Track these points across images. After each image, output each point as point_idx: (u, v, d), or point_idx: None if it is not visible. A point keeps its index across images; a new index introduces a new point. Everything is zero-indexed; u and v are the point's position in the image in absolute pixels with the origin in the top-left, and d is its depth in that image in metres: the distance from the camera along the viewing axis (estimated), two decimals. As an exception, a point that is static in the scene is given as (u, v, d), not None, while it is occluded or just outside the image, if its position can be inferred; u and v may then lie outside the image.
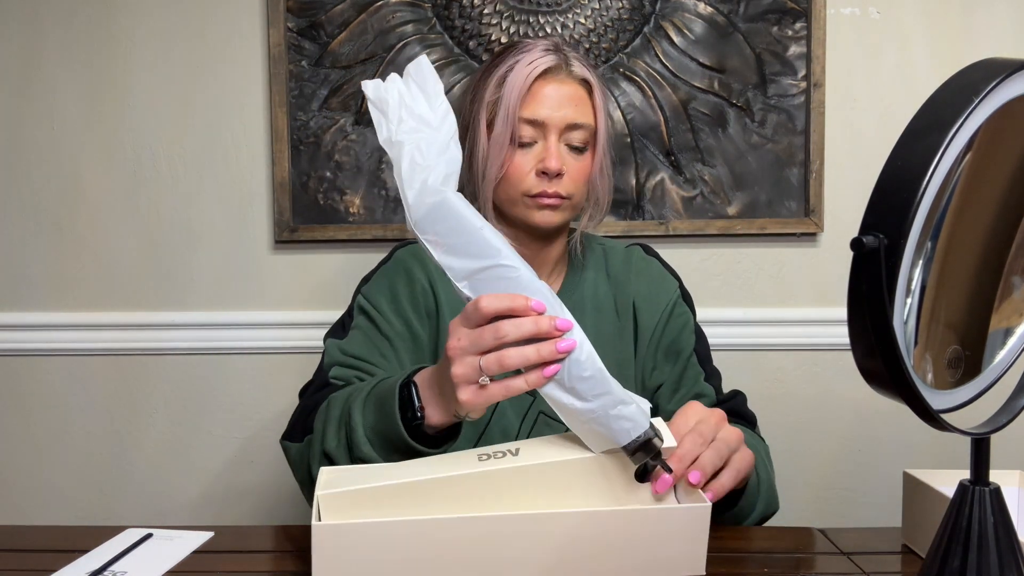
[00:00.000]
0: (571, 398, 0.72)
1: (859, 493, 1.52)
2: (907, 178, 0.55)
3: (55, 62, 1.50)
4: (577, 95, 1.03)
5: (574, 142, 1.03)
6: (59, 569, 0.84)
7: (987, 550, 0.65)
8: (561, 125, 1.02)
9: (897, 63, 1.46)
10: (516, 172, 1.02)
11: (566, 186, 1.03)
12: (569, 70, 1.03)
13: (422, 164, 0.74)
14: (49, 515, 1.55)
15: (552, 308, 0.73)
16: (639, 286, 1.13)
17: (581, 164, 1.04)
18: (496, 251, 0.73)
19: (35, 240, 1.53)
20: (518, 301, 0.72)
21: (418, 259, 1.12)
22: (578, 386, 0.71)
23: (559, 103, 1.01)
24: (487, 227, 0.74)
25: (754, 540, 0.94)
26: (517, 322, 0.72)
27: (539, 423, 1.08)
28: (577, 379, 0.71)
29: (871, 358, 0.58)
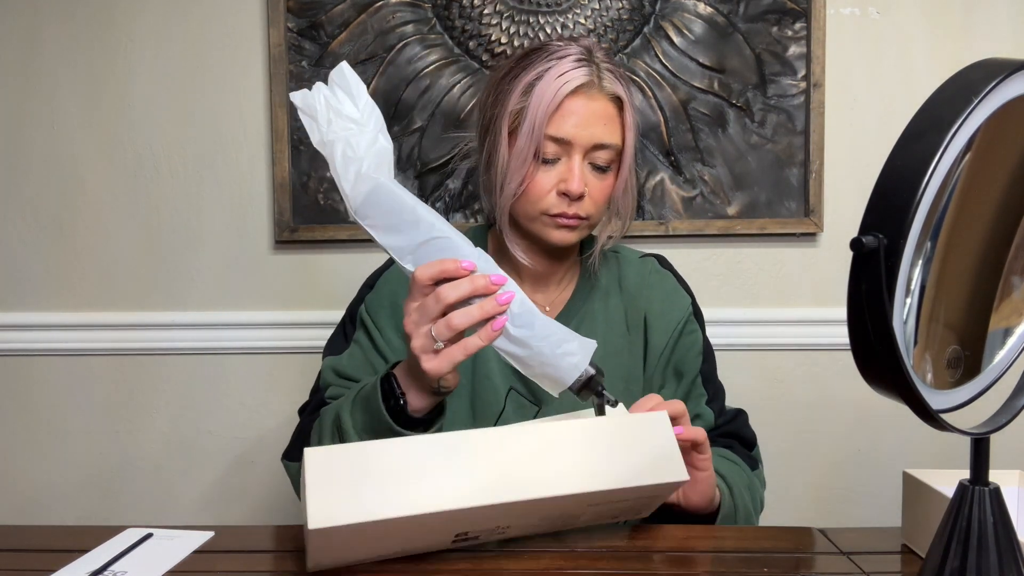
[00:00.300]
0: (521, 348, 0.77)
1: (859, 493, 1.52)
2: (907, 178, 0.55)
3: (55, 62, 1.50)
4: (607, 113, 0.99)
5: (599, 162, 0.99)
6: (59, 569, 0.85)
7: (987, 550, 0.65)
8: (587, 145, 0.98)
9: (897, 63, 1.46)
10: (537, 190, 0.99)
11: (586, 207, 1.00)
12: (601, 85, 0.98)
13: (353, 157, 0.78)
14: (49, 515, 1.55)
15: (484, 268, 0.78)
16: (652, 301, 1.11)
17: (604, 184, 1.01)
18: (430, 225, 0.78)
19: (35, 240, 1.53)
20: (447, 264, 0.77)
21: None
22: (524, 334, 0.76)
23: (587, 121, 0.97)
24: (420, 204, 0.79)
25: (754, 540, 0.94)
26: (454, 284, 0.76)
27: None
28: (521, 328, 0.76)
29: (871, 358, 0.59)
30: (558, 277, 1.11)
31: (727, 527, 0.98)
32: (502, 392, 1.03)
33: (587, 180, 0.99)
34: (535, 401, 1.04)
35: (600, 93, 0.98)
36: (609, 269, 1.13)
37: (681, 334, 1.11)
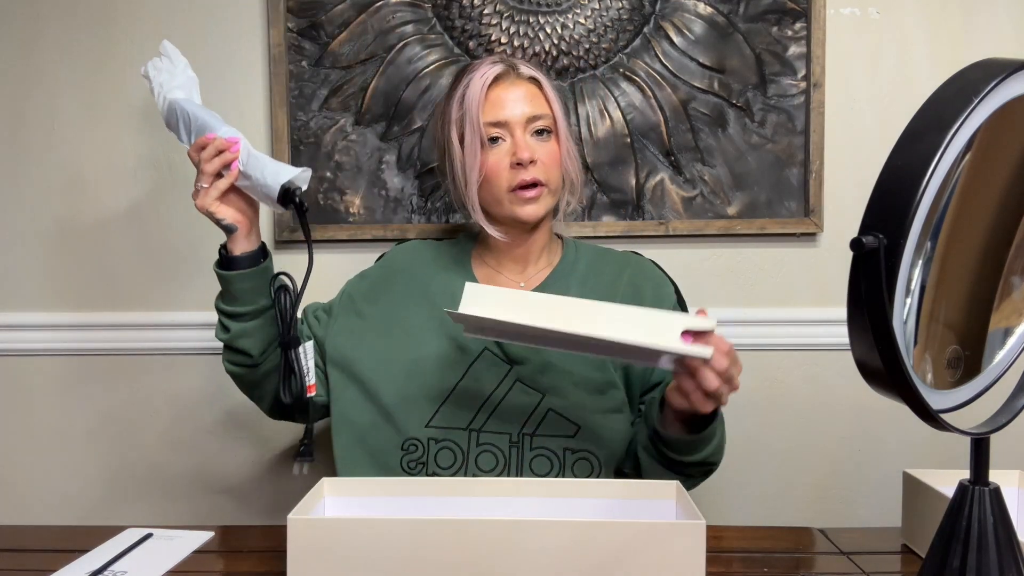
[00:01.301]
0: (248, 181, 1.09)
1: (859, 493, 1.52)
2: (907, 178, 0.55)
3: (55, 62, 1.50)
4: (529, 92, 1.15)
5: (542, 128, 1.14)
6: (59, 569, 0.85)
7: (987, 550, 0.65)
8: (522, 120, 1.13)
9: (897, 63, 1.46)
10: (493, 170, 1.14)
11: (540, 171, 1.13)
12: (518, 73, 1.15)
13: (160, 92, 1.13)
14: (49, 515, 1.55)
15: (225, 134, 1.10)
16: (645, 288, 1.21)
17: (549, 148, 1.15)
18: (195, 116, 1.11)
19: (35, 240, 1.53)
20: (200, 140, 1.10)
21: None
22: (250, 171, 1.08)
23: (514, 102, 1.13)
24: (192, 106, 1.12)
25: (754, 540, 0.94)
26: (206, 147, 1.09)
27: (515, 388, 1.13)
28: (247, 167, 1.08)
29: (871, 358, 0.59)
30: (535, 255, 1.22)
31: (728, 527, 0.98)
32: (474, 351, 1.15)
33: (533, 147, 1.13)
34: (507, 360, 1.14)
35: (518, 79, 1.15)
36: (589, 259, 1.24)
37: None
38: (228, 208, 1.10)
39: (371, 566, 0.72)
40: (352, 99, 1.46)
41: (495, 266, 1.23)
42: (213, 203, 1.09)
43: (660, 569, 0.71)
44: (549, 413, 1.11)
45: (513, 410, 1.11)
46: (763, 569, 0.85)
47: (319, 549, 0.73)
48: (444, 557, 0.72)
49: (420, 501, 0.85)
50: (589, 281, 1.20)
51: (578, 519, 0.78)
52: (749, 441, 1.50)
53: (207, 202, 1.09)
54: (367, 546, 0.73)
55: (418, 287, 1.22)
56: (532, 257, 1.22)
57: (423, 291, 1.21)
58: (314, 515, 0.81)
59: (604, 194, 1.46)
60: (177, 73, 1.14)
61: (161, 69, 1.14)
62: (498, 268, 1.23)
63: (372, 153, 1.47)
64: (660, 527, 0.72)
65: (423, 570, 0.72)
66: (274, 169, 1.08)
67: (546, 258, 1.23)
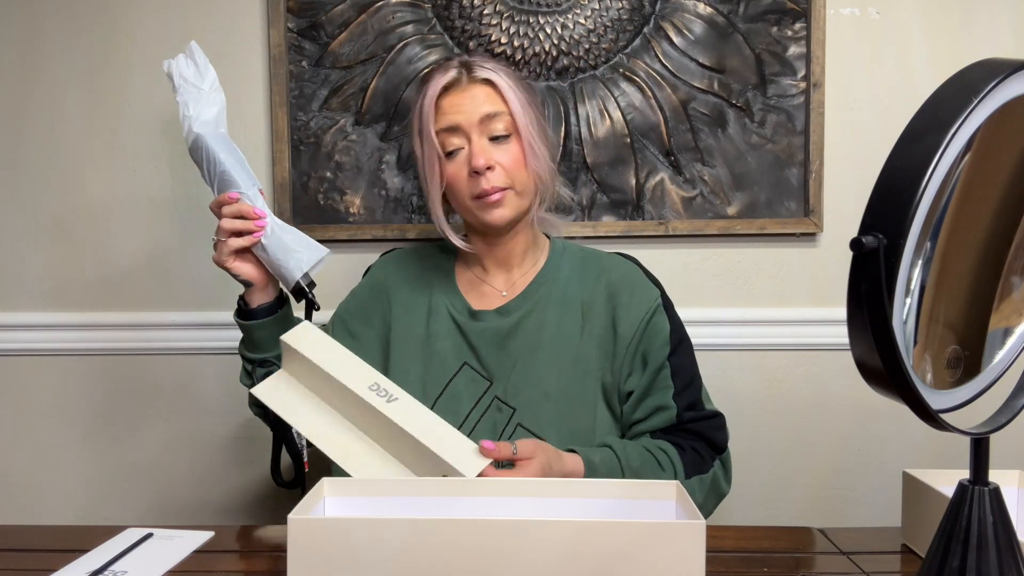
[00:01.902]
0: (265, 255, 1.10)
1: (859, 493, 1.52)
2: (907, 178, 0.55)
3: (55, 62, 1.50)
4: (483, 93, 1.11)
5: (496, 132, 1.10)
6: (59, 569, 0.85)
7: (986, 550, 0.65)
8: (476, 121, 1.10)
9: (897, 63, 1.46)
10: (453, 180, 1.12)
11: (501, 178, 1.10)
12: (471, 76, 1.11)
13: (187, 115, 1.09)
14: (49, 515, 1.55)
15: (254, 200, 1.09)
16: (619, 293, 1.17)
17: (509, 150, 1.11)
18: (221, 163, 1.08)
19: (35, 240, 1.53)
20: (222, 196, 1.09)
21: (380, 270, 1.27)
22: (270, 247, 1.09)
23: (465, 106, 1.10)
24: (222, 150, 1.09)
25: (754, 540, 0.94)
26: (227, 207, 1.08)
27: (492, 407, 1.13)
28: (268, 244, 1.09)
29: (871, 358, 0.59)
30: (518, 258, 1.20)
31: (728, 527, 0.98)
32: (453, 366, 1.15)
33: (491, 153, 1.10)
34: (487, 377, 1.14)
35: (471, 82, 1.11)
36: (573, 260, 1.21)
37: (648, 324, 1.15)
38: (244, 264, 1.10)
39: (371, 566, 0.72)
40: (352, 99, 1.46)
41: (479, 273, 1.21)
42: (228, 259, 1.09)
43: (660, 569, 0.71)
44: (518, 429, 1.11)
45: (489, 428, 1.11)
46: (763, 569, 0.85)
47: (319, 549, 0.73)
48: (444, 557, 0.72)
49: (420, 501, 0.85)
50: (571, 286, 1.18)
51: (578, 519, 0.78)
52: (749, 441, 1.50)
53: (222, 258, 1.09)
54: (367, 546, 0.73)
55: (402, 303, 1.21)
56: (515, 260, 1.20)
57: (406, 306, 1.20)
58: (314, 515, 0.81)
59: (604, 194, 1.46)
60: (204, 94, 1.10)
61: (187, 80, 1.11)
62: (483, 275, 1.21)
63: (372, 153, 1.47)
64: (660, 527, 0.72)
65: (423, 570, 0.72)
66: (296, 257, 1.09)
67: (531, 260, 1.21)
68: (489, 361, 1.14)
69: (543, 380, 1.12)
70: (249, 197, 1.09)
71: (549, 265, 1.20)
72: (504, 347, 1.15)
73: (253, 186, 1.10)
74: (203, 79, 1.11)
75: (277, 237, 1.09)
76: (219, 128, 1.11)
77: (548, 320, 1.15)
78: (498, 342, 1.15)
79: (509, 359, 1.14)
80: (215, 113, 1.10)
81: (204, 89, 1.10)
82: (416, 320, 1.19)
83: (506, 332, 1.15)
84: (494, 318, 1.16)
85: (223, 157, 1.08)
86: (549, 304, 1.16)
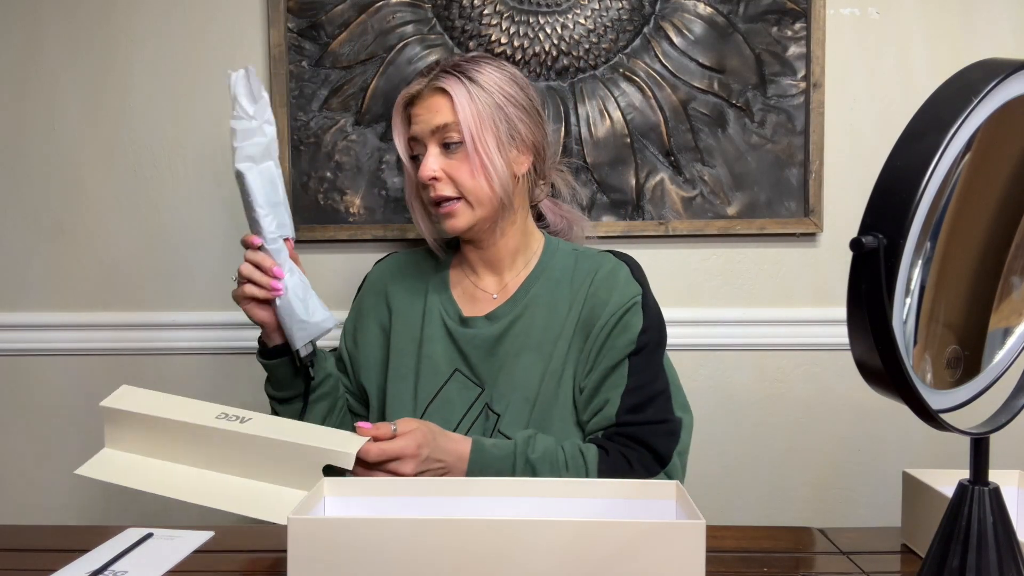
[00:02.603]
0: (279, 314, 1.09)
1: (859, 493, 1.52)
2: (906, 178, 0.55)
3: (55, 62, 1.50)
4: (435, 103, 1.11)
5: (447, 140, 1.10)
6: (59, 569, 0.85)
7: (986, 550, 0.65)
8: (428, 132, 1.11)
9: (897, 63, 1.46)
10: (414, 188, 1.18)
11: (449, 188, 1.11)
12: (432, 86, 1.11)
13: (237, 149, 1.06)
14: (49, 515, 1.55)
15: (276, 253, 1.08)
16: (600, 289, 1.13)
17: (458, 160, 1.10)
18: (253, 203, 1.06)
19: (35, 240, 1.53)
20: (247, 237, 1.08)
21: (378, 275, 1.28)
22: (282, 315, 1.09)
23: (422, 117, 1.12)
24: (260, 191, 1.06)
25: (754, 540, 0.94)
26: (248, 252, 1.08)
27: (483, 414, 1.12)
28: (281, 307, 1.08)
29: (871, 358, 0.59)
30: (508, 261, 1.19)
31: (728, 527, 0.98)
32: (445, 372, 1.15)
33: (442, 163, 1.11)
34: (478, 383, 1.14)
35: (429, 92, 1.12)
36: (565, 262, 1.19)
37: (619, 321, 1.11)
38: (259, 311, 1.09)
39: (371, 566, 0.72)
40: (352, 99, 1.46)
41: (471, 276, 1.21)
42: (243, 301, 1.09)
43: (660, 569, 0.72)
44: (496, 435, 1.10)
45: (477, 433, 1.11)
46: (763, 569, 0.85)
47: (319, 549, 0.73)
48: (444, 557, 0.72)
49: (420, 501, 0.85)
50: (562, 287, 1.16)
51: (578, 519, 0.78)
52: (749, 441, 1.50)
53: (237, 300, 1.09)
54: (367, 546, 0.73)
55: (400, 309, 1.21)
56: (504, 263, 1.19)
57: (403, 312, 1.21)
58: (314, 515, 0.81)
59: (604, 194, 1.46)
60: (255, 126, 1.07)
61: (241, 104, 1.06)
62: (475, 278, 1.21)
63: (372, 153, 1.47)
64: (660, 527, 0.72)
65: (423, 570, 0.72)
66: (301, 327, 1.09)
67: (522, 261, 1.20)
68: (480, 368, 1.14)
69: (525, 385, 1.12)
70: (271, 251, 1.08)
71: (539, 266, 1.19)
72: (494, 353, 1.14)
73: (279, 237, 1.09)
74: (255, 106, 1.06)
75: (288, 302, 1.08)
76: (266, 161, 1.08)
77: (535, 323, 1.15)
78: (487, 348, 1.15)
79: (498, 366, 1.14)
80: (263, 148, 1.07)
81: (255, 119, 1.06)
82: (412, 325, 1.19)
83: (495, 338, 1.15)
84: (483, 324, 1.16)
85: (258, 199, 1.07)
86: (538, 307, 1.15)
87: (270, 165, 1.08)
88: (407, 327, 1.19)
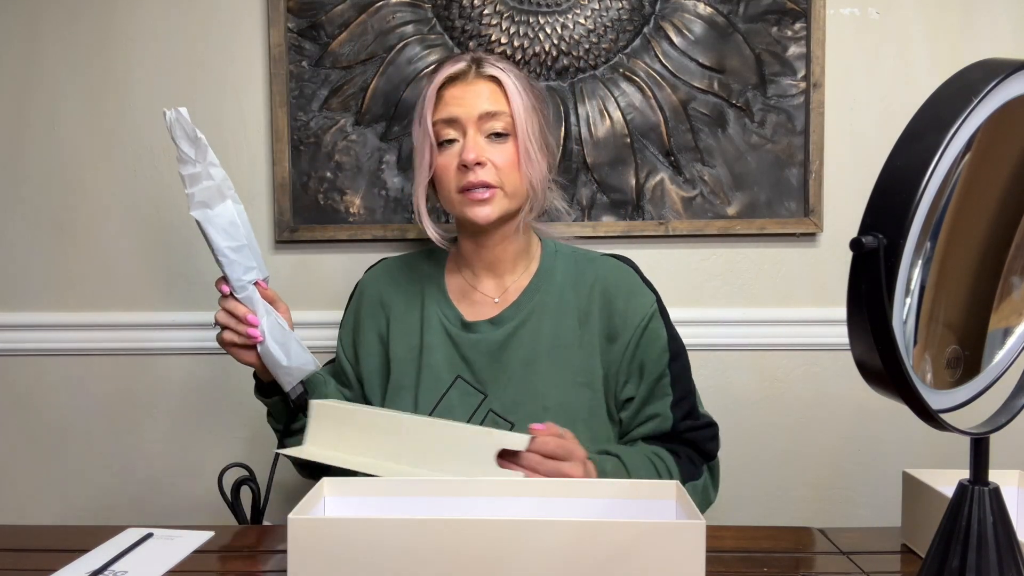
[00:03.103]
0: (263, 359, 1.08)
1: (859, 493, 1.52)
2: (906, 178, 0.55)
3: (55, 62, 1.50)
4: (488, 89, 1.09)
5: (495, 130, 1.09)
6: (59, 569, 0.85)
7: (986, 550, 0.65)
8: (474, 117, 1.08)
9: (897, 63, 1.46)
10: (442, 171, 1.10)
11: (491, 175, 1.08)
12: (479, 71, 1.10)
13: (186, 192, 1.02)
14: (49, 515, 1.55)
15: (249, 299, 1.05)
16: (615, 299, 1.15)
17: (504, 150, 1.09)
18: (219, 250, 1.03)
19: (35, 240, 1.53)
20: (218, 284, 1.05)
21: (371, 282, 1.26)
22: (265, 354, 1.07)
23: (468, 100, 1.08)
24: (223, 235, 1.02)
25: (754, 540, 0.95)
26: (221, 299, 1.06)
27: (488, 420, 1.11)
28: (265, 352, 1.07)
29: (871, 358, 0.59)
30: (509, 264, 1.17)
31: (728, 527, 0.98)
32: (446, 380, 1.13)
33: (486, 150, 1.08)
34: (481, 390, 1.13)
35: (477, 78, 1.10)
36: (567, 266, 1.18)
37: (645, 331, 1.13)
38: (243, 353, 1.07)
39: (371, 566, 0.72)
40: (352, 99, 1.46)
41: (469, 278, 1.19)
42: (226, 346, 1.07)
43: (660, 569, 0.72)
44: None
45: None
46: (763, 569, 0.85)
47: (319, 549, 0.73)
48: (444, 557, 0.72)
49: (420, 501, 0.85)
50: (566, 292, 1.16)
51: (578, 519, 0.78)
52: (749, 441, 1.50)
53: (219, 341, 1.08)
54: (367, 546, 0.73)
55: (397, 317, 1.19)
56: (506, 266, 1.17)
57: (401, 320, 1.19)
58: (314, 515, 0.81)
59: (604, 194, 1.46)
60: (200, 170, 1.02)
61: (183, 149, 1.01)
62: (473, 281, 1.19)
63: (372, 153, 1.47)
64: (660, 527, 0.72)
65: (423, 570, 0.72)
66: (286, 373, 1.08)
67: (523, 265, 1.19)
68: (483, 374, 1.13)
69: (543, 393, 1.11)
70: (242, 299, 1.05)
71: (542, 270, 1.18)
72: (499, 359, 1.13)
73: (248, 283, 1.05)
74: (194, 148, 1.01)
75: (267, 349, 1.06)
76: (221, 203, 1.03)
77: (544, 330, 1.14)
78: (492, 353, 1.13)
79: (504, 372, 1.12)
80: (213, 190, 1.03)
81: (197, 162, 1.02)
82: (410, 333, 1.17)
83: (500, 343, 1.13)
84: (488, 329, 1.14)
85: (219, 246, 1.03)
86: (544, 313, 1.14)
87: (227, 205, 1.04)
88: (406, 335, 1.17)
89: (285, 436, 1.16)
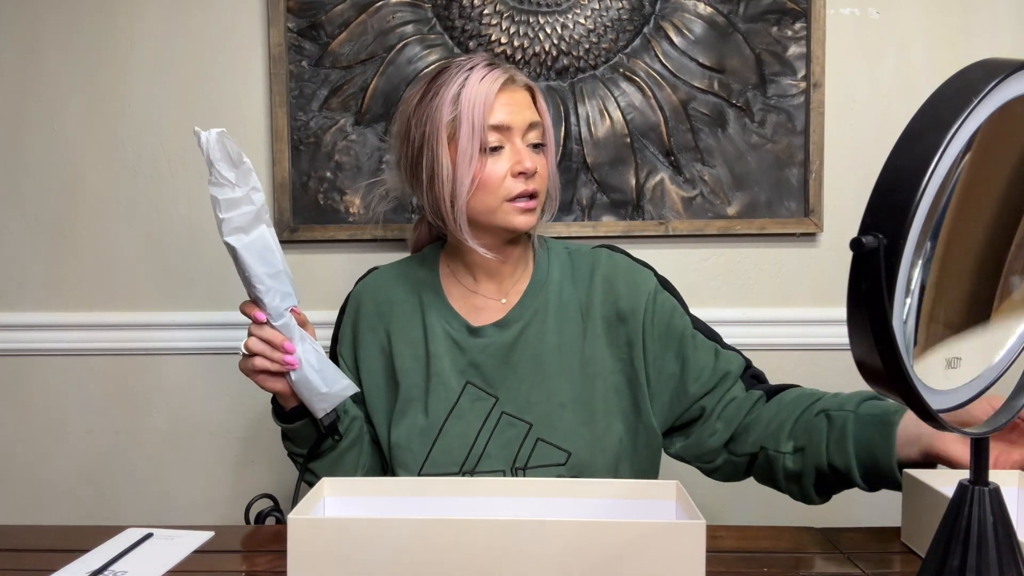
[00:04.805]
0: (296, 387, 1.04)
1: (859, 493, 1.51)
2: (907, 178, 0.55)
3: (55, 62, 1.50)
4: (527, 99, 1.11)
5: (537, 140, 1.11)
6: (59, 569, 0.85)
7: (986, 550, 0.65)
8: (524, 126, 1.08)
9: (897, 63, 1.46)
10: (492, 178, 1.07)
11: (538, 183, 1.10)
12: (515, 79, 1.10)
13: (222, 221, 0.96)
14: (49, 515, 1.55)
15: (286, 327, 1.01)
16: (615, 286, 1.15)
17: (543, 161, 1.12)
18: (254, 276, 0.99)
19: (35, 240, 1.53)
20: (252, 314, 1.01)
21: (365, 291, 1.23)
22: (300, 389, 1.03)
23: (517, 108, 1.08)
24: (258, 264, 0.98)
25: (754, 540, 0.94)
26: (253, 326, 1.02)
27: (502, 423, 1.10)
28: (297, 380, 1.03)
29: (871, 358, 0.58)
30: (511, 268, 1.17)
31: (728, 527, 0.98)
32: (456, 388, 1.12)
33: (533, 159, 1.09)
34: (492, 393, 1.12)
35: (516, 85, 1.10)
36: (561, 262, 1.18)
37: (654, 304, 1.14)
38: (272, 381, 1.03)
39: (371, 566, 0.72)
40: (352, 99, 1.46)
41: (469, 283, 1.17)
42: (253, 374, 1.03)
43: (660, 569, 0.72)
44: (538, 443, 1.08)
45: (503, 445, 1.09)
46: (763, 569, 0.85)
47: (319, 549, 0.73)
48: (444, 557, 0.72)
49: (420, 501, 0.85)
50: (565, 289, 1.15)
51: (578, 519, 0.78)
52: (749, 441, 1.49)
53: (247, 373, 1.03)
54: (367, 546, 0.73)
55: (399, 330, 1.16)
56: (508, 269, 1.16)
57: (403, 333, 1.16)
58: (314, 515, 0.81)
59: (604, 194, 1.46)
60: (241, 195, 0.95)
61: (220, 171, 0.94)
62: (473, 285, 1.17)
63: (372, 153, 1.47)
64: (660, 527, 0.72)
65: (423, 570, 0.72)
66: (321, 398, 1.03)
67: (522, 266, 1.18)
68: (493, 377, 1.12)
69: (557, 391, 1.10)
70: (278, 327, 1.00)
71: (539, 269, 1.17)
72: (507, 361, 1.12)
73: (286, 309, 1.01)
74: (235, 172, 0.95)
75: (304, 375, 1.01)
76: (257, 227, 0.98)
77: (549, 328, 1.13)
78: (502, 356, 1.12)
79: (514, 374, 1.11)
80: (252, 216, 0.97)
81: (238, 187, 0.95)
82: (414, 343, 1.15)
83: (509, 345, 1.12)
84: (495, 332, 1.13)
85: (256, 273, 0.98)
86: (548, 312, 1.14)
87: (263, 230, 0.99)
88: (410, 346, 1.15)
89: (309, 460, 1.12)
